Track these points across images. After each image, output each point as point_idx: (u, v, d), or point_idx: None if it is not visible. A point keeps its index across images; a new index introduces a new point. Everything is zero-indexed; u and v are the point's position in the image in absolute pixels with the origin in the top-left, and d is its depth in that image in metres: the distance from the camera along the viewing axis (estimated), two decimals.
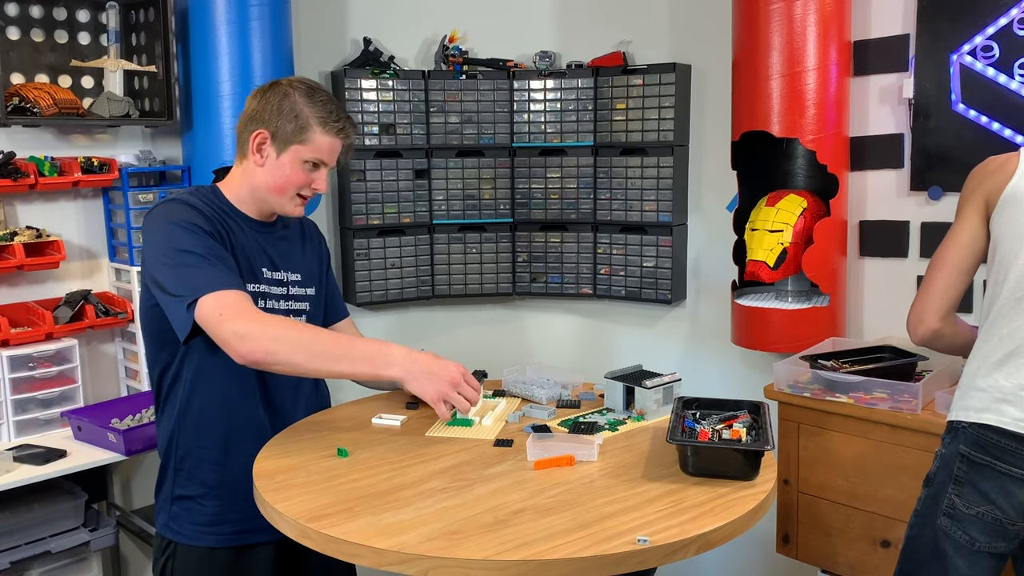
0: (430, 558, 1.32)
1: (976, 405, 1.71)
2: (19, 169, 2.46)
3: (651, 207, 3.04)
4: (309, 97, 1.84)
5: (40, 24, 2.59)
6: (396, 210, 3.13)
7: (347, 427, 1.90)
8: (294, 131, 1.82)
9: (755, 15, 2.52)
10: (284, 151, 1.83)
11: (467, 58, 3.14)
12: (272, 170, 1.85)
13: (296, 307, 1.95)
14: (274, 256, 1.92)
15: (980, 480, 1.69)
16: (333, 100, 1.88)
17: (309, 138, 1.83)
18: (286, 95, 1.83)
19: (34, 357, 2.51)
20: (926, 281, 1.90)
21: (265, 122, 1.83)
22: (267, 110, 1.83)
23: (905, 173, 2.57)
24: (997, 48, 2.36)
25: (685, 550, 1.38)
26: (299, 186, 1.86)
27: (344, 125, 1.87)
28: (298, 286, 1.96)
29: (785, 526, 2.38)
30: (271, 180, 1.85)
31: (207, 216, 1.80)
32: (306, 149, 1.83)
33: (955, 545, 1.71)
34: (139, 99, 2.73)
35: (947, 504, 1.73)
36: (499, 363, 2.26)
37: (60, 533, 2.48)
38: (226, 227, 1.84)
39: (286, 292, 1.93)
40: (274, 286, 1.91)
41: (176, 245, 1.72)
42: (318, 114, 1.83)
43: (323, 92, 1.88)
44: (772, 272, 2.58)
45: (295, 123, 1.82)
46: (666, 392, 1.95)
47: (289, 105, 1.82)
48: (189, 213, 1.78)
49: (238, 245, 1.85)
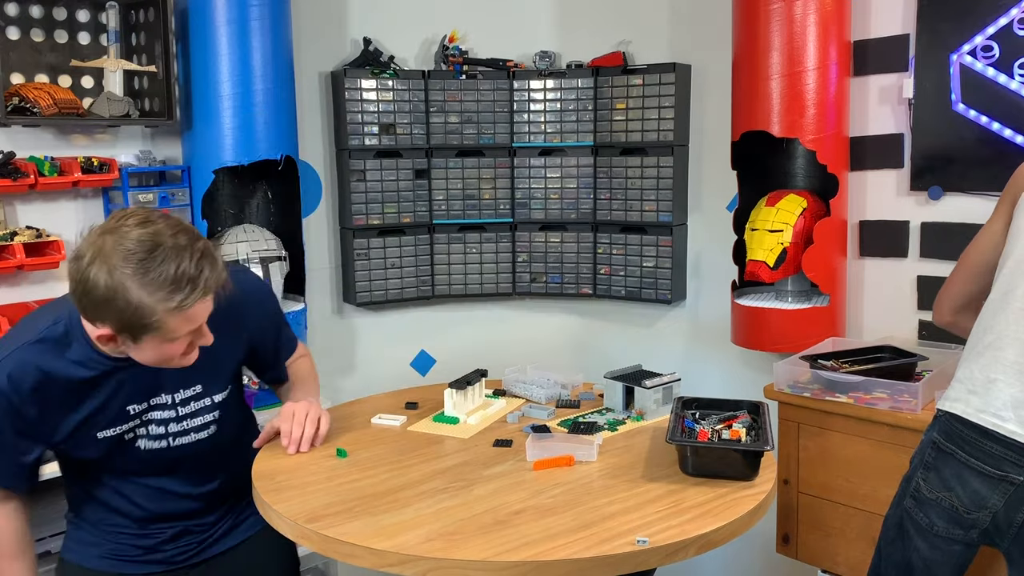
0: (429, 559, 1.32)
1: (951, 395, 1.76)
2: (19, 169, 2.45)
3: (651, 207, 3.04)
4: (143, 277, 1.47)
5: (40, 24, 2.58)
6: (396, 210, 3.13)
7: (347, 427, 1.90)
8: (142, 328, 1.50)
9: (755, 15, 2.52)
10: (140, 341, 1.54)
11: (467, 58, 3.14)
12: (136, 353, 1.58)
13: (195, 424, 1.76)
14: (152, 384, 1.69)
15: (943, 467, 1.73)
16: (173, 255, 1.48)
17: (162, 326, 1.50)
18: (116, 289, 1.47)
19: None
20: (950, 276, 1.99)
21: (99, 317, 1.51)
22: (99, 307, 1.50)
23: (905, 173, 2.57)
24: (997, 48, 2.35)
25: (685, 550, 1.38)
26: (176, 356, 1.59)
27: (194, 289, 1.49)
28: (195, 400, 1.75)
29: (785, 526, 2.38)
30: (141, 359, 1.59)
31: (16, 397, 1.58)
32: (164, 336, 1.53)
33: (916, 527, 1.76)
34: (139, 99, 2.72)
35: (914, 487, 1.78)
36: (499, 363, 2.26)
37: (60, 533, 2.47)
38: (62, 385, 1.61)
39: (175, 415, 1.73)
40: (152, 412, 1.71)
41: None
42: (161, 296, 1.47)
43: (154, 247, 1.48)
44: (772, 272, 2.58)
45: (139, 320, 1.49)
46: (666, 392, 1.96)
47: (123, 300, 1.47)
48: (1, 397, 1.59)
49: (85, 395, 1.64)
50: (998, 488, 1.65)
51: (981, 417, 1.67)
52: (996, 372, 1.69)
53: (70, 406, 1.64)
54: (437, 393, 2.02)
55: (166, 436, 1.73)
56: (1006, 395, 1.66)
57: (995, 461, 1.65)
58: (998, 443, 1.64)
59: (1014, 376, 1.66)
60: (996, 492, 1.66)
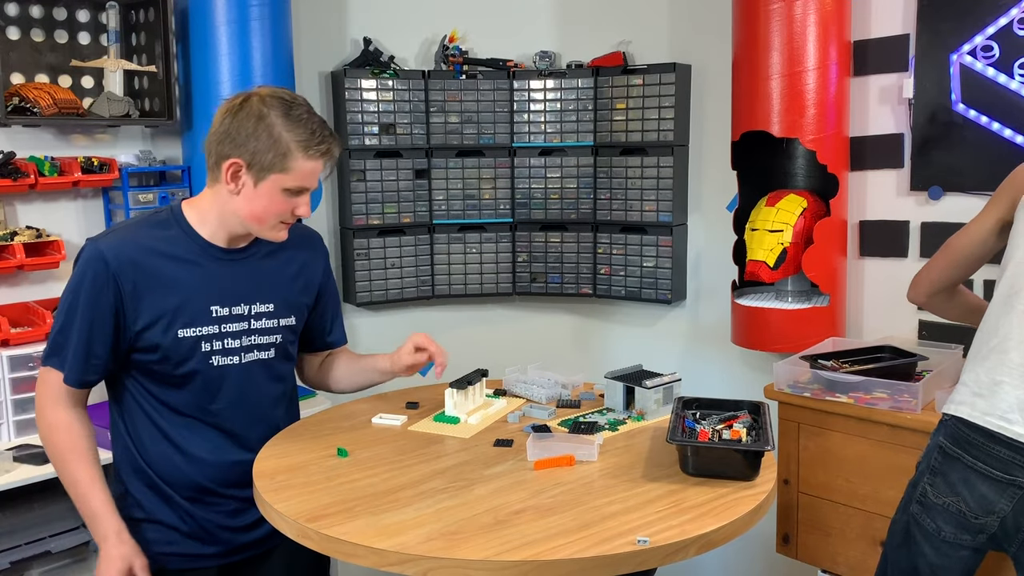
0: (430, 558, 1.32)
1: (957, 398, 1.75)
2: (19, 169, 2.45)
3: (651, 207, 3.04)
4: (287, 116, 1.66)
5: (40, 24, 2.58)
6: (396, 210, 3.13)
7: (347, 427, 1.90)
8: (273, 160, 1.65)
9: (755, 15, 2.52)
10: (262, 180, 1.67)
11: (467, 58, 3.14)
12: (249, 200, 1.70)
13: (260, 342, 1.82)
14: (236, 288, 1.78)
15: (950, 472, 1.72)
16: (312, 114, 1.71)
17: (291, 166, 1.66)
18: (262, 117, 1.65)
19: (34, 357, 2.51)
20: (931, 259, 2.05)
21: (238, 148, 1.66)
22: (240, 134, 1.66)
23: (905, 173, 2.57)
24: (997, 48, 2.35)
25: (685, 550, 1.38)
26: (280, 215, 1.72)
27: (329, 145, 1.70)
28: (267, 318, 1.82)
29: (785, 526, 2.38)
30: (247, 210, 1.71)
31: (113, 272, 1.67)
32: (288, 178, 1.67)
33: (923, 532, 1.75)
34: (139, 99, 2.73)
35: (920, 492, 1.77)
36: (499, 363, 2.26)
37: (60, 533, 2.47)
38: (156, 271, 1.70)
39: (247, 327, 1.80)
40: (230, 323, 1.77)
41: (61, 303, 1.72)
42: (299, 137, 1.66)
43: (301, 106, 1.70)
44: (772, 272, 2.58)
45: (275, 150, 1.65)
46: (666, 392, 1.96)
47: (266, 129, 1.65)
48: (90, 271, 1.68)
49: (177, 284, 1.72)
50: (1006, 492, 1.64)
51: (987, 420, 1.67)
52: (1002, 375, 1.68)
53: (161, 287, 1.71)
54: (438, 393, 2.02)
55: (239, 351, 1.79)
56: (1012, 397, 1.65)
57: (1003, 465, 1.64)
58: (1005, 446, 1.64)
59: (1020, 378, 1.66)
60: (1004, 496, 1.65)
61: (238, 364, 1.79)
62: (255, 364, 1.82)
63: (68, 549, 2.49)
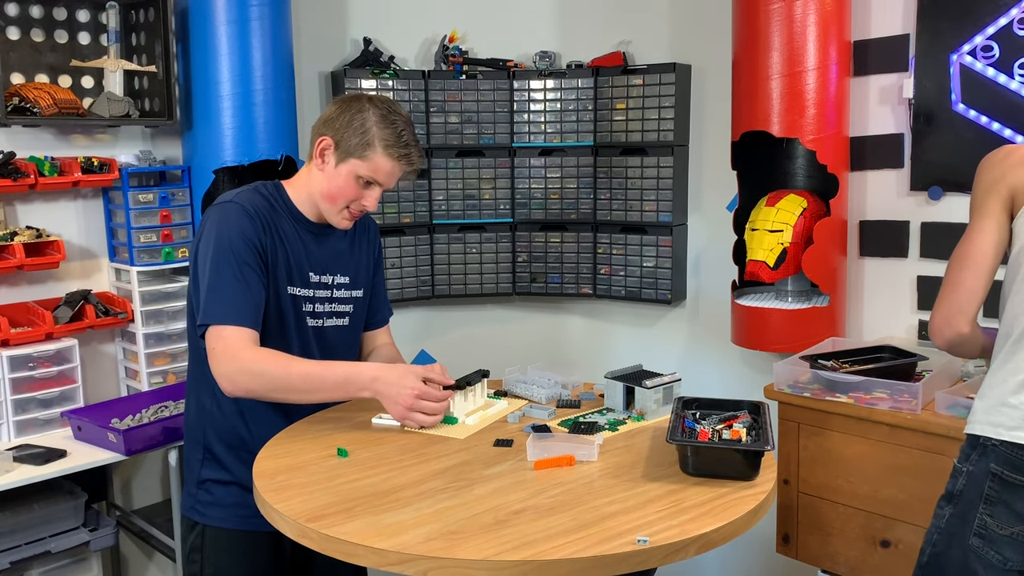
0: (430, 558, 1.32)
1: (1008, 423, 1.63)
2: (19, 169, 2.45)
3: (651, 207, 3.04)
4: (383, 117, 1.88)
5: (40, 24, 2.59)
6: (396, 210, 3.13)
7: (347, 427, 1.90)
8: (357, 145, 1.87)
9: (755, 15, 2.52)
10: (343, 162, 1.89)
11: (467, 58, 3.14)
12: (328, 177, 1.91)
13: (340, 309, 2.03)
14: (324, 259, 1.99)
15: (1014, 500, 1.61)
16: (409, 126, 1.91)
17: (369, 156, 1.87)
18: (362, 110, 1.88)
19: (34, 357, 2.51)
20: (952, 280, 1.73)
21: (334, 130, 1.89)
22: (340, 119, 1.89)
23: (905, 173, 2.57)
24: (997, 48, 2.36)
25: (685, 550, 1.38)
26: (349, 199, 1.91)
27: (409, 152, 1.90)
28: (345, 288, 2.03)
29: (785, 526, 2.38)
30: (325, 187, 1.91)
31: (261, 223, 1.88)
32: (364, 165, 1.88)
33: (986, 565, 1.64)
34: (139, 99, 2.73)
35: (978, 524, 1.64)
36: (499, 363, 2.26)
37: (60, 533, 2.47)
38: (278, 231, 1.92)
39: (331, 295, 2.00)
40: (320, 289, 1.98)
41: (217, 258, 1.83)
42: (385, 136, 1.87)
43: (401, 116, 1.91)
44: (772, 272, 2.58)
45: (360, 138, 1.87)
46: (666, 392, 1.95)
47: (361, 120, 1.87)
48: (242, 222, 1.85)
49: (289, 248, 1.93)
50: None
51: None
52: None
53: (279, 246, 1.91)
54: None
55: (323, 315, 2.00)
56: None
57: None
58: None
59: None
60: None
61: (322, 327, 2.00)
62: (334, 329, 2.02)
63: (68, 549, 2.49)
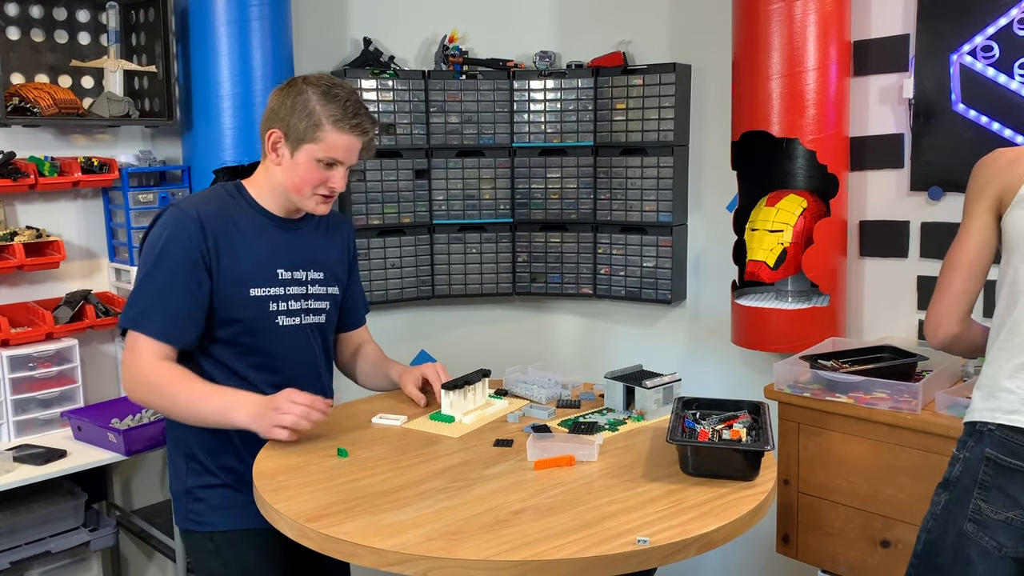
0: (430, 558, 1.32)
1: (1004, 407, 1.63)
2: (19, 169, 2.45)
3: (651, 207, 3.04)
4: (325, 93, 1.83)
5: (40, 24, 2.59)
6: (396, 210, 3.13)
7: (347, 427, 1.90)
8: (306, 130, 1.82)
9: (755, 15, 2.52)
10: (298, 150, 1.85)
11: (467, 58, 3.14)
12: (287, 169, 1.87)
13: (315, 306, 1.98)
14: (295, 255, 1.95)
15: (1009, 484, 1.61)
16: (353, 96, 1.86)
17: (321, 136, 1.82)
18: (301, 92, 1.84)
19: (34, 357, 2.51)
20: (943, 283, 1.80)
21: (279, 121, 1.85)
22: (282, 108, 1.85)
23: (905, 173, 2.57)
24: (997, 48, 2.35)
25: (685, 550, 1.38)
26: (314, 185, 1.87)
27: (360, 121, 1.85)
28: (319, 285, 1.99)
29: (785, 526, 2.38)
30: (287, 179, 1.88)
31: (202, 230, 1.82)
32: (318, 148, 1.83)
33: (980, 551, 1.64)
34: (139, 99, 2.73)
35: (972, 509, 1.64)
36: (499, 363, 2.26)
37: (60, 533, 2.47)
38: (238, 231, 1.87)
39: (305, 292, 1.96)
40: (292, 286, 1.94)
41: (148, 263, 1.83)
42: (332, 112, 1.82)
43: (342, 88, 1.86)
44: (772, 272, 2.58)
45: (307, 121, 1.82)
46: (666, 392, 1.95)
47: (302, 103, 1.82)
48: (183, 228, 1.82)
49: (252, 247, 1.88)
50: None
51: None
52: None
53: (237, 248, 1.87)
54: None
55: (299, 312, 1.94)
56: None
57: None
58: None
59: None
60: None
61: (300, 325, 1.95)
62: (311, 327, 1.98)
63: (68, 549, 2.49)
